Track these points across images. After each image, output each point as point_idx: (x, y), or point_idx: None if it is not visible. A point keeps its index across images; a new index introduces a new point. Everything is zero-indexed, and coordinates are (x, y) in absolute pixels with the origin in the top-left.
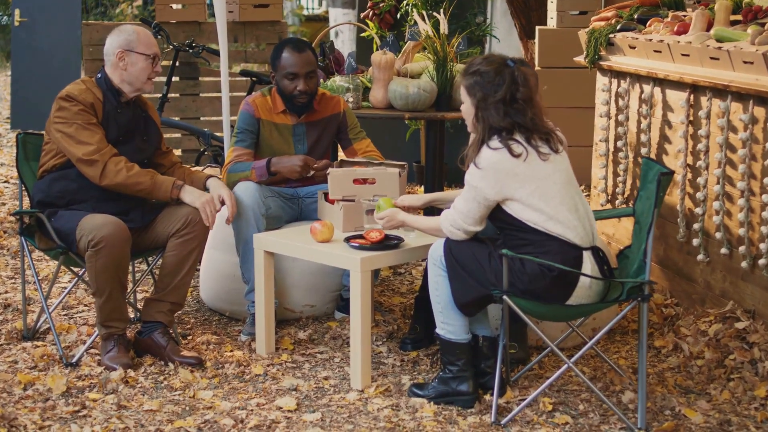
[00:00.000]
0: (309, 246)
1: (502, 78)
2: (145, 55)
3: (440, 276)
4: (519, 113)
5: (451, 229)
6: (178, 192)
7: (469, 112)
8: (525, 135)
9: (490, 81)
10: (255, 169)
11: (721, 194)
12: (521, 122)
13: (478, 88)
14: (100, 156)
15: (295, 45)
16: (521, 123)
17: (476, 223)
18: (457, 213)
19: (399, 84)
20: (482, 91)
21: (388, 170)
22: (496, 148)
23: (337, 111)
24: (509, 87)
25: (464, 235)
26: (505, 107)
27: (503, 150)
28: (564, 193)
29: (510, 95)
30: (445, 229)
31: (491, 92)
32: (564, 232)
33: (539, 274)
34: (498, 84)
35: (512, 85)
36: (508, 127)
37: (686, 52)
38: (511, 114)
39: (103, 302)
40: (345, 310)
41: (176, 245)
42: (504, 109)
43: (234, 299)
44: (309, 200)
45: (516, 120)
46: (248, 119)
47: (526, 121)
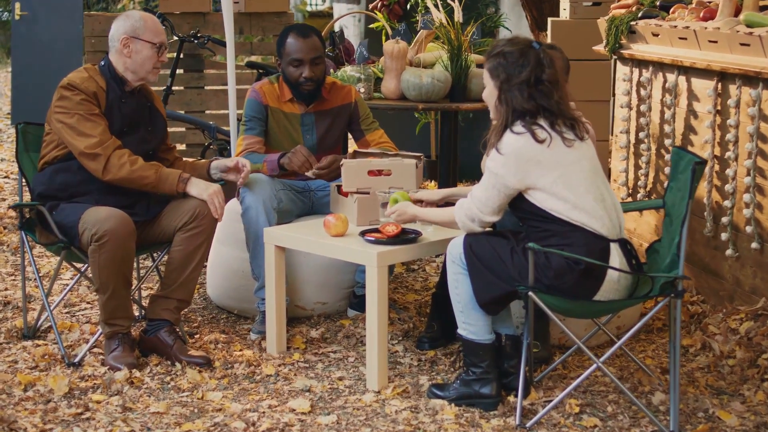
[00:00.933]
0: (322, 240)
1: (527, 59)
2: (151, 43)
3: (460, 274)
4: (544, 96)
5: (464, 220)
6: (185, 186)
7: (491, 95)
8: (549, 119)
9: (514, 62)
10: (267, 163)
11: (752, 186)
12: (546, 105)
13: (502, 69)
14: (102, 149)
15: (299, 30)
16: (546, 106)
17: (493, 212)
18: (475, 201)
19: (412, 74)
20: (506, 72)
21: (404, 161)
22: (519, 133)
23: (348, 101)
24: (534, 68)
25: (478, 226)
26: (529, 89)
27: (527, 135)
28: (590, 182)
29: (535, 77)
30: (459, 220)
31: (515, 73)
32: (589, 222)
33: (566, 268)
34: (522, 65)
35: (537, 66)
36: (532, 109)
37: (714, 38)
38: (535, 96)
39: (106, 299)
40: (358, 307)
41: (183, 240)
42: (528, 91)
43: (242, 296)
44: (321, 193)
45: (541, 103)
46: (256, 106)
47: (551, 104)
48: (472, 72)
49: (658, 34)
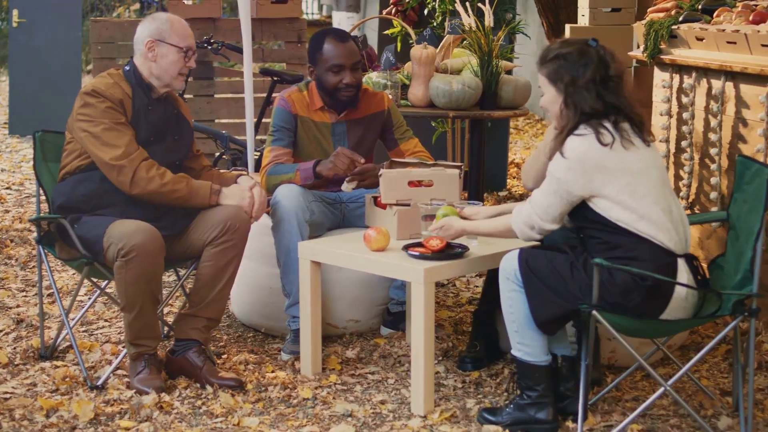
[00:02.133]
0: (363, 255)
1: (589, 58)
2: (177, 47)
3: (515, 291)
4: (613, 93)
5: (522, 227)
6: (217, 198)
7: (553, 101)
8: (615, 119)
9: (575, 62)
10: (300, 171)
11: None
12: (616, 103)
13: (564, 72)
14: (129, 162)
15: (337, 35)
16: (616, 104)
17: (554, 220)
18: (535, 207)
19: (441, 80)
20: (570, 73)
21: (446, 171)
22: (583, 135)
23: (381, 108)
24: (598, 66)
25: (537, 234)
26: (596, 87)
27: (590, 137)
28: (658, 192)
29: (600, 75)
30: (517, 228)
31: (579, 73)
32: (656, 235)
33: (632, 285)
34: (585, 64)
35: (600, 63)
36: (601, 109)
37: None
38: (604, 95)
39: (133, 318)
40: (392, 325)
41: (213, 255)
42: (596, 90)
43: (271, 313)
44: (353, 205)
45: (610, 101)
46: (285, 116)
47: (621, 102)
48: (503, 79)
49: (702, 38)
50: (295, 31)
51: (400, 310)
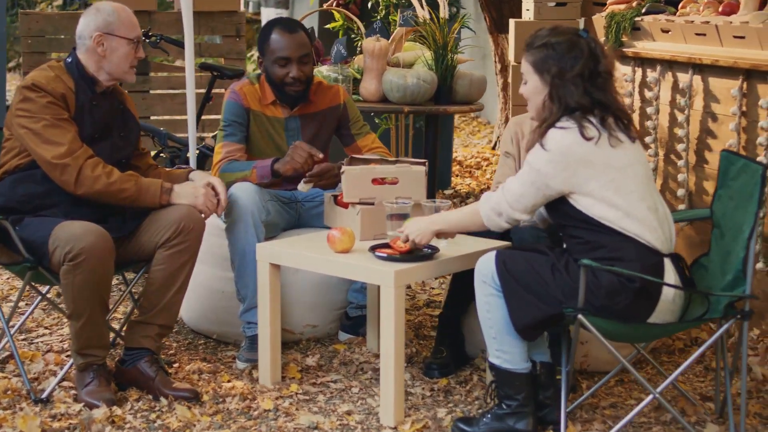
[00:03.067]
0: (327, 257)
1: (579, 50)
2: (127, 39)
3: (492, 295)
4: (600, 89)
5: (490, 213)
6: (169, 197)
7: (537, 91)
8: (601, 115)
9: (564, 53)
10: (256, 169)
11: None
12: (603, 99)
13: (552, 63)
14: (73, 160)
15: (285, 25)
16: (603, 100)
17: (525, 210)
18: (507, 194)
19: (395, 74)
20: (557, 65)
21: (412, 168)
22: (566, 128)
23: (336, 103)
24: (588, 60)
25: (505, 222)
26: (583, 83)
27: (574, 130)
28: (644, 189)
29: (589, 70)
30: (484, 214)
31: (568, 66)
32: (642, 233)
33: (618, 286)
34: (575, 57)
35: (591, 57)
36: (586, 105)
37: (741, 33)
38: (591, 91)
39: (80, 326)
40: (352, 330)
41: (165, 258)
42: (583, 85)
43: (223, 319)
44: (309, 204)
45: (597, 97)
46: (237, 109)
47: (608, 99)
48: (458, 73)
49: (668, 30)
50: (234, 25)
51: (359, 315)
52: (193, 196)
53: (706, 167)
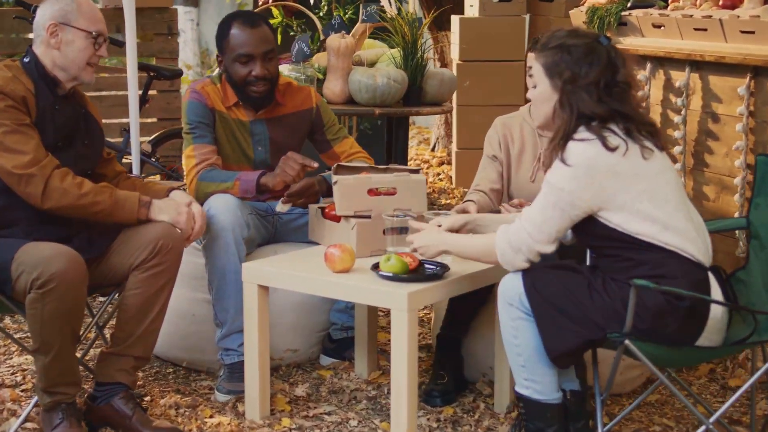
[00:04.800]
0: (326, 278)
1: (597, 56)
2: (85, 31)
3: (521, 320)
4: (617, 100)
5: (506, 250)
6: (147, 211)
7: (546, 97)
8: (625, 125)
9: (580, 58)
10: (240, 182)
11: None
12: (621, 110)
13: (565, 66)
14: (39, 170)
15: (246, 19)
16: (621, 110)
17: (549, 240)
18: (526, 224)
19: (364, 74)
20: (570, 70)
21: (411, 177)
22: (587, 139)
23: (307, 106)
24: (605, 68)
25: (523, 260)
26: (598, 91)
27: (595, 141)
28: (678, 197)
29: (606, 79)
30: (499, 249)
31: (582, 72)
32: (684, 246)
33: (666, 307)
34: (591, 63)
35: (609, 66)
36: (603, 114)
37: (750, 28)
38: (606, 101)
39: (49, 362)
40: (336, 353)
41: (142, 281)
42: (597, 94)
43: (194, 345)
44: (286, 218)
45: (614, 107)
46: (201, 110)
47: (626, 109)
48: (428, 72)
49: (661, 25)
50: (166, 23)
51: (344, 337)
52: (176, 212)
53: (707, 171)
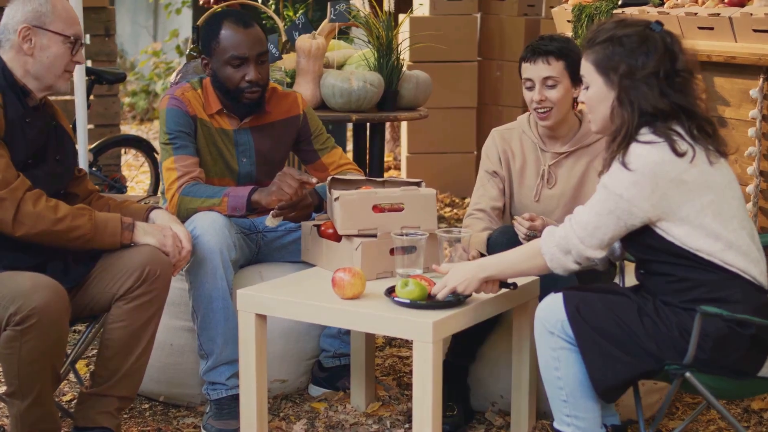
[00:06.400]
0: (336, 306)
1: (653, 45)
2: (62, 35)
3: (563, 349)
4: (679, 92)
5: (554, 251)
6: (131, 234)
7: (602, 97)
8: (687, 125)
9: (635, 48)
10: (229, 198)
11: None
12: (684, 104)
13: (619, 60)
14: (9, 193)
15: (238, 18)
16: (684, 105)
17: (600, 246)
18: (577, 228)
19: (338, 77)
20: (626, 62)
21: (420, 191)
22: (652, 142)
23: (294, 113)
24: (663, 57)
25: (573, 264)
26: (659, 83)
27: (663, 144)
28: (743, 213)
29: (665, 69)
30: (548, 253)
31: (639, 64)
32: (747, 268)
33: (729, 335)
34: (647, 53)
35: (666, 54)
36: (666, 110)
37: (765, 27)
38: (668, 94)
39: (27, 406)
40: (328, 383)
41: (127, 312)
42: (659, 87)
43: (172, 378)
44: (271, 236)
45: (676, 101)
46: (182, 118)
47: (690, 103)
48: (404, 75)
49: None
50: (102, 23)
51: (337, 365)
52: (161, 234)
53: None
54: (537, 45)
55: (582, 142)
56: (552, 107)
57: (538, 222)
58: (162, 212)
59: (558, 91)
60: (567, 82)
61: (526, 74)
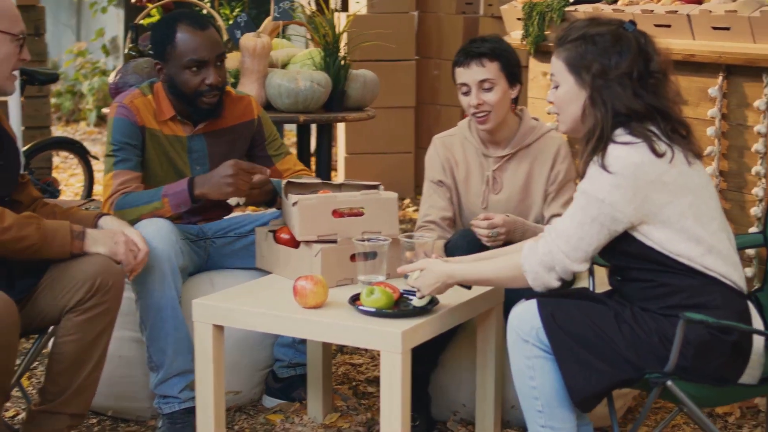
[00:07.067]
0: (298, 316)
1: (626, 45)
2: (10, 34)
3: (538, 358)
4: (653, 93)
5: (537, 269)
6: (81, 243)
7: (573, 97)
8: (663, 126)
9: (608, 48)
10: (169, 198)
11: None
12: (658, 105)
13: (592, 58)
14: None
15: (194, 20)
16: (659, 107)
17: (586, 258)
18: (560, 241)
19: (284, 77)
20: (599, 61)
21: (382, 195)
22: (631, 143)
23: (249, 117)
24: (637, 57)
25: (556, 280)
26: (632, 84)
27: (641, 145)
28: (721, 215)
29: (638, 70)
30: (530, 271)
31: (612, 63)
32: (728, 272)
33: (710, 342)
34: (620, 52)
35: (640, 54)
36: (641, 111)
37: (725, 24)
38: (641, 95)
39: None
40: (283, 394)
41: (78, 326)
42: (632, 87)
43: (121, 391)
44: (220, 241)
45: (650, 102)
46: (129, 129)
47: (664, 104)
48: (351, 74)
49: None
50: (32, 22)
51: (292, 375)
52: (112, 242)
53: None
54: (469, 48)
55: (522, 142)
56: (490, 110)
57: (497, 219)
58: (111, 218)
59: (495, 93)
60: (503, 83)
61: (461, 79)
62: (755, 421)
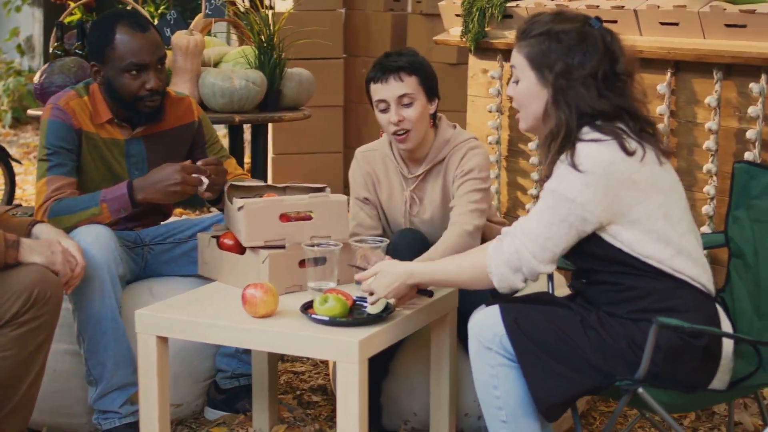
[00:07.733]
0: (249, 326)
1: (592, 44)
2: None
3: (502, 366)
4: (619, 94)
5: (504, 271)
6: (16, 252)
7: (533, 94)
8: (631, 125)
9: (572, 46)
10: (107, 203)
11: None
12: (625, 106)
13: (556, 57)
14: None
15: (133, 21)
16: (625, 107)
17: (553, 259)
18: (529, 243)
19: (218, 76)
20: (563, 61)
21: (330, 198)
22: (600, 140)
23: (189, 119)
24: (603, 58)
25: (521, 282)
26: (596, 85)
27: (612, 142)
28: (689, 216)
29: (604, 70)
30: (495, 272)
31: (576, 63)
32: (697, 275)
33: (681, 347)
34: (586, 52)
35: (606, 54)
36: (608, 111)
37: (673, 20)
38: (607, 96)
39: None
40: (225, 406)
41: (14, 340)
42: (596, 88)
43: (57, 407)
44: (159, 248)
45: (616, 103)
46: (64, 131)
47: (630, 105)
48: (286, 73)
49: None
50: None
51: (235, 386)
52: (49, 251)
53: None
54: (385, 62)
55: (435, 158)
56: (410, 129)
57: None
58: (46, 226)
59: (415, 109)
60: (422, 98)
61: (378, 95)
62: (710, 423)
